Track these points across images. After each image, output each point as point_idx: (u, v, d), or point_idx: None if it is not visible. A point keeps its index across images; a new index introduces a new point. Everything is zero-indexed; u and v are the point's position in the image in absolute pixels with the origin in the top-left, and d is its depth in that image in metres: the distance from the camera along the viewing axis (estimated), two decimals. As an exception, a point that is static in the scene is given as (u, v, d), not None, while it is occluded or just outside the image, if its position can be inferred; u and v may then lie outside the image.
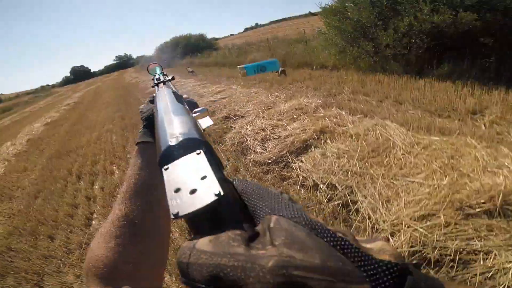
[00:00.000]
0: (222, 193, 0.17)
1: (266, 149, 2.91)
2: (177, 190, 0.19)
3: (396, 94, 3.96)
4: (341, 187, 2.14)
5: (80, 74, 77.35)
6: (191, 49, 21.43)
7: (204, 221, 0.18)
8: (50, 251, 2.52)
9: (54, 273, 2.23)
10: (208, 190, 0.18)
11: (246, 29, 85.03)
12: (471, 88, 3.61)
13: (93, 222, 2.85)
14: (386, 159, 2.32)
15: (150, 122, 0.45)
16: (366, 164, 2.33)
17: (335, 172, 2.30)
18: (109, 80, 31.85)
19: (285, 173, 2.61)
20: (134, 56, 73.00)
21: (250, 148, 3.07)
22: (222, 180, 0.19)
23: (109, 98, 12.52)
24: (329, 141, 2.73)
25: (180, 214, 0.17)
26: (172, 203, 0.18)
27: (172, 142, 0.24)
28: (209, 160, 0.21)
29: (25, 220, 3.18)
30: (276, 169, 2.68)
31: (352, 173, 2.26)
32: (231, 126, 3.84)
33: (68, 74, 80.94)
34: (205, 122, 0.36)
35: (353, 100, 4.05)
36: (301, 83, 5.65)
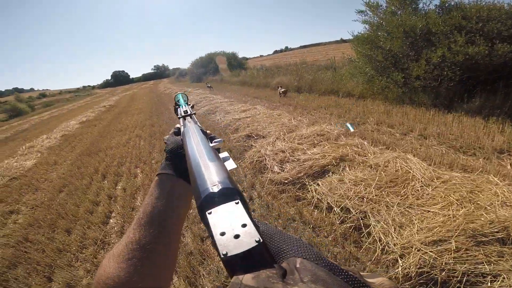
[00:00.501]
0: (261, 241, 0.22)
1: (283, 170, 2.95)
2: (223, 234, 0.24)
3: (422, 128, 3.87)
4: (355, 211, 2.19)
5: (119, 79, 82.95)
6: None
7: (241, 260, 0.22)
8: (65, 245, 2.62)
9: (65, 266, 2.31)
10: (250, 237, 0.23)
11: (276, 52, 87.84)
12: (502, 124, 3.47)
13: (111, 220, 2.98)
14: (403, 190, 2.33)
15: (173, 155, 0.47)
16: (383, 192, 2.34)
17: (351, 197, 2.33)
18: (145, 88, 33.96)
19: (300, 194, 2.63)
20: (171, 67, 77.17)
21: (268, 167, 3.13)
22: (257, 227, 0.24)
23: (142, 105, 13.32)
24: (347, 169, 2.72)
25: (229, 254, 0.22)
26: (220, 244, 0.23)
27: (213, 189, 0.28)
28: (246, 210, 0.26)
29: (46, 212, 3.37)
30: (292, 189, 2.70)
31: (367, 199, 2.28)
32: (252, 145, 3.94)
33: (109, 78, 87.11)
34: (230, 165, 0.39)
35: (377, 131, 4.01)
36: (326, 109, 5.70)
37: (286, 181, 2.77)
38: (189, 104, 0.69)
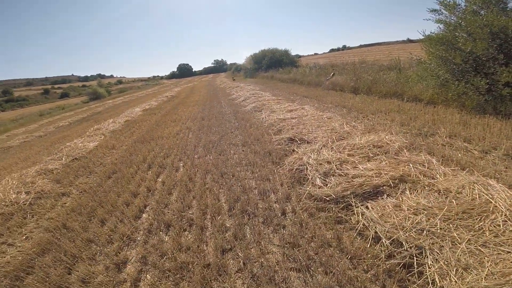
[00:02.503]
0: None
1: (326, 185, 2.60)
2: None
3: (509, 146, 3.06)
4: (408, 245, 1.80)
5: (183, 71, 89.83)
6: (275, 63, 22.30)
7: None
8: (95, 236, 2.65)
9: (88, 259, 2.33)
10: None
11: (332, 50, 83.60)
12: None
13: (144, 215, 2.95)
14: (479, 224, 1.86)
15: None
16: (450, 225, 1.88)
17: (406, 229, 1.92)
18: (204, 81, 36.05)
19: (343, 215, 2.27)
20: (228, 62, 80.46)
21: (308, 179, 2.81)
22: None
23: (199, 97, 14.02)
24: (408, 192, 2.24)
25: None
26: None
27: None
28: None
29: (91, 198, 3.50)
30: (334, 209, 2.35)
31: (428, 233, 1.86)
32: (293, 150, 3.63)
33: (175, 70, 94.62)
34: None
35: (449, 146, 3.32)
36: (386, 114, 5.02)
37: (327, 198, 2.42)
38: None
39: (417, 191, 2.26)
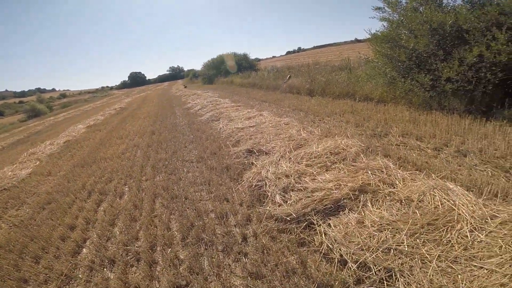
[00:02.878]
0: None
1: (286, 201, 2.36)
2: None
3: (458, 142, 3.17)
4: (377, 268, 1.63)
5: (136, 80, 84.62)
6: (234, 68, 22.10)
7: None
8: (30, 274, 2.34)
9: None
10: None
11: (289, 52, 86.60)
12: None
13: (84, 250, 2.59)
14: (447, 236, 1.76)
15: None
16: (418, 240, 1.75)
17: (373, 249, 1.74)
18: (158, 89, 34.39)
19: (305, 236, 2.05)
20: (185, 68, 77.97)
21: (268, 196, 2.55)
22: None
23: (151, 108, 13.10)
24: (369, 205, 2.09)
25: None
26: None
27: None
28: None
29: (22, 233, 3.08)
30: (295, 229, 2.12)
31: (396, 251, 1.70)
32: (252, 163, 3.35)
33: (126, 79, 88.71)
34: None
35: (403, 145, 3.34)
36: (341, 116, 5.04)
37: (288, 218, 2.18)
38: None
39: (379, 202, 2.13)
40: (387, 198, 2.13)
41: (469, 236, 1.72)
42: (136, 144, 5.89)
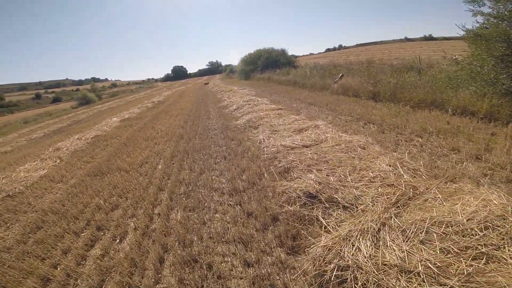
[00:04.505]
0: None
1: None
2: None
3: None
4: None
5: (178, 73, 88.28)
6: (271, 63, 20.71)
7: None
8: None
9: None
10: None
11: (328, 50, 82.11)
12: None
13: None
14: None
15: None
16: None
17: None
18: (197, 83, 34.42)
19: None
20: (223, 63, 79.15)
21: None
22: None
23: (186, 104, 12.42)
24: None
25: None
26: None
27: None
28: None
29: None
30: None
31: None
32: (318, 220, 1.96)
33: (170, 72, 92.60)
34: None
35: None
36: (440, 137, 3.44)
37: None
38: None
39: None
40: None
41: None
42: (160, 151, 4.91)
